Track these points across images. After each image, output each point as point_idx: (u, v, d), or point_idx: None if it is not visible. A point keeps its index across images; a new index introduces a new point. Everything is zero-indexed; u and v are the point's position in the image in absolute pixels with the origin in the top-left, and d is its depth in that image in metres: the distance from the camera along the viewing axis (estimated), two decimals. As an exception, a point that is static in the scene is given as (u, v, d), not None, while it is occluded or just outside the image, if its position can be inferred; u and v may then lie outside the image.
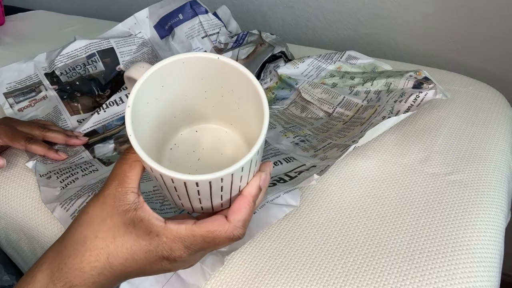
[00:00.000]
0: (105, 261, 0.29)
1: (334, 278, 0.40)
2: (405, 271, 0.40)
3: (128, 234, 0.29)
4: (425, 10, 0.88)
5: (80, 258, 0.29)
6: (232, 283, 0.41)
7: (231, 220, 0.30)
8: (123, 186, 0.30)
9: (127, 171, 0.31)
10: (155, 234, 0.29)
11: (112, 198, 0.30)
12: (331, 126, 0.63)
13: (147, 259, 0.30)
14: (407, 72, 0.66)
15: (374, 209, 0.47)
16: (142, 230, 0.29)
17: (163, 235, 0.29)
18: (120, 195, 0.30)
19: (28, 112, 0.67)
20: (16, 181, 0.55)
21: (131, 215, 0.30)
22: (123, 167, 0.31)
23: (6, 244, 0.55)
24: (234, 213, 0.31)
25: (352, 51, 0.76)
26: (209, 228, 0.30)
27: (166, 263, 0.30)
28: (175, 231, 0.29)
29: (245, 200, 0.31)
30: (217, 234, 0.30)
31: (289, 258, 0.42)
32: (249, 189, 0.31)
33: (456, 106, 0.64)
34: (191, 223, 0.30)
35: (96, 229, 0.30)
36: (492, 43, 0.84)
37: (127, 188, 0.30)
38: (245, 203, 0.31)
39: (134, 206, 0.30)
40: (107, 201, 0.30)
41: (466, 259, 0.41)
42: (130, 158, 0.31)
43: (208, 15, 0.85)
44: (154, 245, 0.29)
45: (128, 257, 0.30)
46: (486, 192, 0.49)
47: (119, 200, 0.30)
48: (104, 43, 0.75)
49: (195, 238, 0.30)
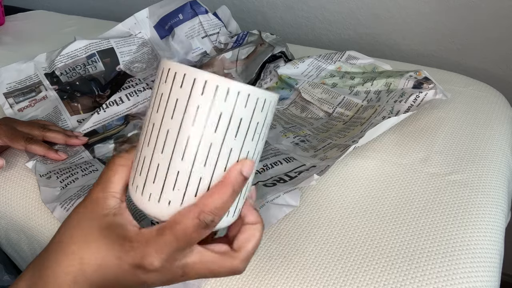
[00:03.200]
0: (78, 267, 0.28)
1: (334, 278, 0.40)
2: (405, 271, 0.40)
3: (102, 239, 0.28)
4: (425, 10, 0.88)
5: (57, 263, 0.28)
6: (232, 283, 0.41)
7: (235, 248, 0.29)
8: (105, 191, 0.30)
9: (111, 176, 0.30)
10: (127, 239, 0.28)
11: (93, 203, 0.30)
12: (331, 126, 0.64)
13: (119, 267, 0.28)
14: (407, 72, 0.66)
15: (374, 209, 0.47)
16: (116, 236, 0.28)
17: (135, 240, 0.27)
18: (101, 200, 0.29)
19: (28, 112, 0.67)
20: (16, 181, 0.55)
21: (108, 219, 0.29)
22: (107, 172, 0.30)
23: (6, 244, 0.55)
24: (239, 240, 0.29)
25: (352, 51, 0.76)
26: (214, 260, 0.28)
27: (139, 272, 0.27)
28: (148, 234, 0.27)
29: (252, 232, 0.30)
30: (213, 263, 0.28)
31: (289, 258, 0.42)
32: (252, 218, 0.30)
33: (456, 106, 0.64)
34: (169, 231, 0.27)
35: (73, 233, 0.29)
36: (492, 43, 0.84)
37: (108, 192, 0.30)
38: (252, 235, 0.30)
39: (114, 211, 0.29)
40: (88, 205, 0.30)
41: (466, 259, 0.41)
42: (116, 162, 0.30)
43: (208, 15, 0.85)
44: (125, 251, 0.27)
45: (101, 264, 0.28)
46: (486, 192, 0.49)
47: (99, 204, 0.29)
48: (104, 43, 0.75)
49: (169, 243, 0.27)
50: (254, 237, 0.30)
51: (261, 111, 0.27)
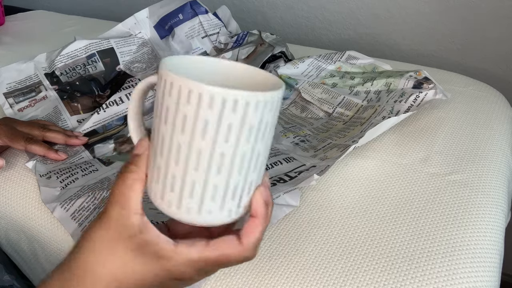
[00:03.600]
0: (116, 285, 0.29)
1: (334, 278, 0.40)
2: (405, 271, 0.40)
3: (137, 260, 0.29)
4: (425, 10, 0.88)
5: None
6: (232, 283, 0.41)
7: (244, 243, 0.29)
8: (125, 208, 0.29)
9: (127, 192, 0.29)
10: (165, 259, 0.28)
11: (116, 223, 0.29)
12: (331, 126, 0.63)
13: (157, 281, 0.29)
14: (407, 72, 0.66)
15: (374, 209, 0.47)
16: (150, 255, 0.29)
17: (173, 260, 0.28)
18: (123, 219, 0.29)
19: (28, 112, 0.67)
20: (16, 181, 0.55)
21: (137, 239, 0.29)
22: (122, 188, 0.29)
23: (6, 244, 0.55)
24: (247, 236, 0.30)
25: (352, 51, 0.76)
26: (223, 252, 0.29)
27: (177, 282, 0.30)
28: (186, 256, 0.29)
29: (257, 221, 0.30)
30: (230, 257, 0.29)
31: (289, 258, 0.42)
32: (258, 209, 0.30)
33: (456, 106, 0.64)
34: (202, 245, 0.29)
35: (104, 258, 0.29)
36: (492, 43, 0.84)
37: (129, 210, 0.29)
38: (258, 224, 0.30)
39: (139, 229, 0.29)
40: (111, 226, 0.29)
41: (466, 259, 0.41)
42: (129, 177, 0.29)
43: (208, 15, 0.85)
44: (164, 270, 0.29)
45: (137, 280, 0.29)
46: (486, 192, 0.49)
47: (123, 224, 0.29)
48: (104, 43, 0.75)
49: (207, 262, 0.29)
50: (261, 225, 0.30)
51: (270, 111, 0.27)
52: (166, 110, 0.27)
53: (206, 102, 0.25)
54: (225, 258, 0.29)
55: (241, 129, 0.26)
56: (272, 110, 0.27)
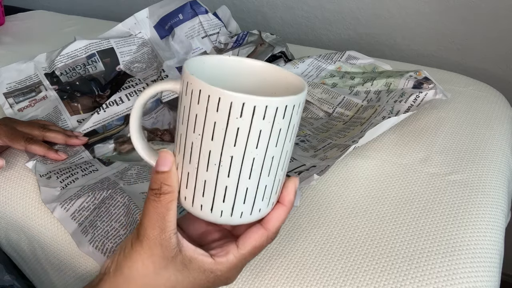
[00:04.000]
0: None
1: (334, 278, 0.40)
2: (405, 271, 0.40)
3: (185, 278, 0.31)
4: (425, 10, 0.88)
5: None
6: (232, 283, 0.41)
7: (270, 228, 0.32)
8: (165, 232, 0.30)
9: (165, 214, 0.30)
10: (209, 271, 0.31)
11: (159, 248, 0.30)
12: (331, 126, 0.64)
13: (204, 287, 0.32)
14: (407, 72, 0.66)
15: (374, 209, 0.47)
16: (196, 270, 0.31)
17: (217, 270, 0.31)
18: (165, 243, 0.30)
19: (28, 112, 0.67)
20: (16, 181, 0.55)
21: (180, 259, 0.30)
22: (159, 211, 0.30)
23: (6, 244, 0.55)
24: (273, 221, 0.32)
25: (352, 51, 0.76)
26: (254, 245, 0.31)
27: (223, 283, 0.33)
28: (226, 264, 0.31)
29: (286, 209, 0.32)
30: (261, 246, 0.32)
31: (289, 258, 0.42)
32: (287, 198, 0.32)
33: (456, 106, 0.64)
34: (234, 248, 0.31)
35: (155, 284, 0.30)
36: (492, 43, 0.84)
37: (169, 232, 0.30)
38: (285, 211, 0.32)
39: (178, 248, 0.30)
40: (155, 252, 0.30)
41: (466, 259, 0.41)
42: (166, 199, 0.30)
43: (208, 15, 0.85)
44: (211, 280, 0.31)
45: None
46: (486, 192, 0.49)
47: (165, 248, 0.30)
48: (104, 43, 0.75)
49: (245, 259, 0.32)
50: (287, 213, 0.33)
51: (297, 113, 0.28)
52: (195, 117, 0.27)
53: (237, 110, 0.26)
54: (256, 249, 0.32)
55: (271, 134, 0.27)
56: (299, 111, 0.28)
